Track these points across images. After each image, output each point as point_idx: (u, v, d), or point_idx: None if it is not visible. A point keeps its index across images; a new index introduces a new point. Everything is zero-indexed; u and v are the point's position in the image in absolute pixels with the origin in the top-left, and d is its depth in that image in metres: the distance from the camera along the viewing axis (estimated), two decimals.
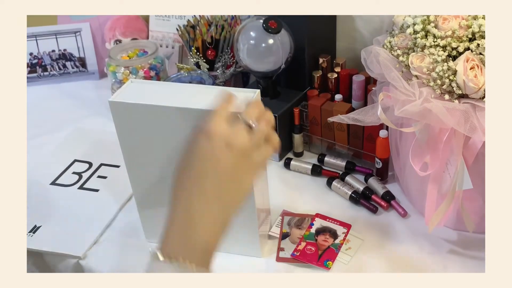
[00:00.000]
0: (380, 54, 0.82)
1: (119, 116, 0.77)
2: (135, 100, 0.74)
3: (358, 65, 0.97)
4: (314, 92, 1.05)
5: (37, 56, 1.44)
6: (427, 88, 0.76)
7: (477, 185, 0.76)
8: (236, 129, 0.60)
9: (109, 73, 1.19)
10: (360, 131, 0.99)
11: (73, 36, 1.44)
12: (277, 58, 1.01)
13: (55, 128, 1.25)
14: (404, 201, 0.94)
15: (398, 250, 0.85)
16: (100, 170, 1.07)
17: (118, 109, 0.76)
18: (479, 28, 0.73)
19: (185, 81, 1.15)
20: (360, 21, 1.14)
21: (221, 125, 0.59)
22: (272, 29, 0.99)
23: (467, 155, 0.75)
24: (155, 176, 0.81)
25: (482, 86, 0.72)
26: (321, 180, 1.01)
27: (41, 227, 0.93)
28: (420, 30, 0.78)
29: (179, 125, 0.72)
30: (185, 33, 1.19)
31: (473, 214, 0.82)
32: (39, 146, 1.17)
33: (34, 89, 1.43)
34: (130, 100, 0.75)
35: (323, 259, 0.83)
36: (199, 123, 0.62)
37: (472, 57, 0.73)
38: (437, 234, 0.86)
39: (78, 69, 1.46)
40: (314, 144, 1.08)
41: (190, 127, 0.70)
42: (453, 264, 0.82)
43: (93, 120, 1.27)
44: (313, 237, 0.87)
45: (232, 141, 0.59)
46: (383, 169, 0.97)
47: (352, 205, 0.95)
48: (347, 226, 0.89)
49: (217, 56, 1.18)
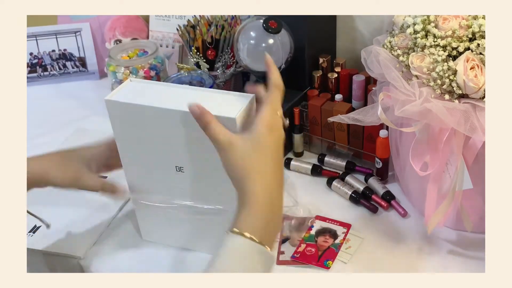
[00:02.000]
0: (380, 54, 0.82)
1: (114, 115, 0.77)
2: (130, 100, 0.74)
3: (358, 65, 0.97)
4: (314, 92, 1.05)
5: (37, 56, 1.44)
6: (427, 88, 0.76)
7: (477, 185, 0.76)
8: (278, 119, 0.68)
9: (109, 73, 1.19)
10: (360, 131, 0.99)
11: (73, 36, 1.44)
12: (277, 58, 1.01)
13: (55, 128, 1.25)
14: (404, 201, 0.94)
15: (398, 250, 0.85)
16: None
17: (113, 108, 0.76)
18: (479, 28, 0.73)
19: (185, 81, 1.15)
20: (360, 21, 1.14)
21: (273, 116, 0.67)
22: (272, 29, 0.99)
23: (467, 155, 0.75)
24: (151, 175, 0.81)
25: (482, 86, 0.72)
26: (321, 180, 1.01)
27: (41, 227, 0.93)
28: (420, 30, 0.78)
29: (172, 126, 0.72)
30: (185, 33, 1.19)
31: (472, 214, 0.82)
32: (39, 146, 1.17)
33: (34, 89, 1.43)
34: (125, 99, 0.75)
35: (323, 259, 0.83)
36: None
37: (472, 57, 0.73)
38: (437, 234, 0.86)
39: (78, 69, 1.46)
40: (314, 144, 1.08)
41: (183, 128, 0.70)
42: (453, 264, 0.82)
43: (93, 120, 1.27)
44: (313, 239, 0.87)
45: (279, 129, 0.68)
46: (383, 169, 0.97)
47: (352, 205, 0.95)
48: (347, 226, 0.89)
49: (217, 56, 1.18)
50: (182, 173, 0.78)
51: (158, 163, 0.79)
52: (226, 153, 0.65)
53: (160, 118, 0.73)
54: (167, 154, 0.77)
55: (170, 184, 0.80)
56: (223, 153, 0.65)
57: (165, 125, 0.74)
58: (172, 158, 0.78)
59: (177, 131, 0.73)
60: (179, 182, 0.79)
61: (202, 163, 0.76)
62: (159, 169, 0.79)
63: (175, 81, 1.15)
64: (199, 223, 0.83)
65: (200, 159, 0.76)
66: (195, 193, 0.80)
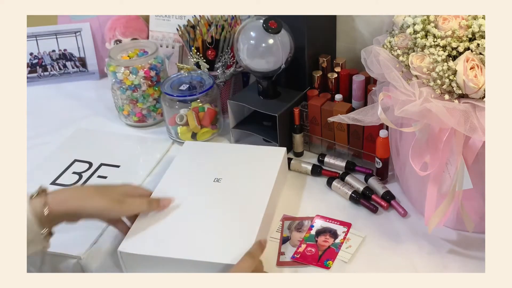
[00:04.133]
0: (380, 54, 0.82)
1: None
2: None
3: (358, 65, 0.97)
4: (314, 92, 1.05)
5: (37, 56, 1.44)
6: (427, 88, 0.76)
7: (477, 185, 0.76)
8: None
9: (109, 73, 1.19)
10: (360, 131, 0.99)
11: (73, 36, 1.44)
12: (277, 58, 1.01)
13: (55, 128, 1.25)
14: (404, 201, 0.94)
15: (398, 250, 0.85)
16: (100, 170, 1.07)
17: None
18: (479, 28, 0.73)
19: (185, 81, 1.15)
20: (360, 21, 1.14)
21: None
22: (272, 29, 0.99)
23: (467, 155, 0.75)
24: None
25: (482, 86, 0.72)
26: (321, 180, 1.01)
27: None
28: (420, 30, 0.78)
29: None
30: (185, 33, 1.19)
31: (473, 214, 0.82)
32: (39, 146, 1.17)
33: (34, 89, 1.43)
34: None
35: (323, 259, 0.83)
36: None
37: (472, 57, 0.73)
38: (437, 234, 0.86)
39: (78, 69, 1.46)
40: (314, 144, 1.08)
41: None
42: (453, 264, 0.82)
43: (93, 120, 1.27)
44: (313, 239, 0.87)
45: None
46: (383, 169, 0.97)
47: (352, 205, 0.95)
48: (347, 225, 0.89)
49: (217, 56, 1.18)
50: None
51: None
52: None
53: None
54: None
55: None
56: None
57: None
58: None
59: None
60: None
61: None
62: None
63: (175, 81, 1.15)
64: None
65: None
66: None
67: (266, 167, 0.95)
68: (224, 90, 1.20)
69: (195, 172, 0.97)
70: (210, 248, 0.80)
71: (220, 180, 0.93)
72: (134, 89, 1.17)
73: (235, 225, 0.83)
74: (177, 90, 1.12)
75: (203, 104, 1.12)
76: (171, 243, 0.81)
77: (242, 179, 0.93)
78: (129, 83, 1.16)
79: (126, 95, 1.18)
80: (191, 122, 1.11)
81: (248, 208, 0.86)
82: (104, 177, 1.05)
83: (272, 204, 0.91)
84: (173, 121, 1.13)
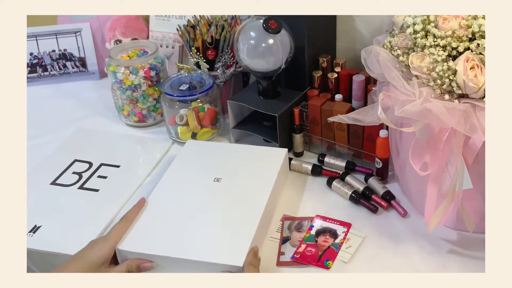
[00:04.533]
0: (380, 54, 0.82)
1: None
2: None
3: (358, 65, 0.97)
4: (314, 92, 1.05)
5: (37, 56, 1.44)
6: (427, 88, 0.76)
7: (477, 185, 0.76)
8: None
9: (109, 73, 1.19)
10: (360, 131, 0.99)
11: (73, 36, 1.44)
12: (277, 58, 1.01)
13: (55, 128, 1.25)
14: (404, 201, 0.94)
15: (398, 250, 0.85)
16: (100, 170, 1.07)
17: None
18: (479, 28, 0.73)
19: (185, 81, 1.15)
20: (360, 21, 1.14)
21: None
22: (272, 29, 0.99)
23: (467, 155, 0.75)
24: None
25: (482, 86, 0.72)
26: (321, 180, 1.01)
27: (41, 227, 0.93)
28: (420, 30, 0.78)
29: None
30: (185, 33, 1.19)
31: (473, 214, 0.82)
32: (39, 146, 1.17)
33: (34, 89, 1.43)
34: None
35: (323, 259, 0.83)
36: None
37: (472, 57, 0.73)
38: (437, 234, 0.86)
39: (78, 69, 1.46)
40: (314, 144, 1.08)
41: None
42: (453, 264, 0.82)
43: (93, 120, 1.27)
44: (313, 239, 0.87)
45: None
46: (383, 169, 0.97)
47: (352, 205, 0.95)
48: (347, 225, 0.89)
49: (217, 56, 1.18)
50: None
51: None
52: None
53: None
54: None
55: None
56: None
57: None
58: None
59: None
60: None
61: None
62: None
63: (175, 81, 1.15)
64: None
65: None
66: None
67: (267, 168, 0.96)
68: (224, 90, 1.20)
69: (195, 171, 0.97)
70: (208, 247, 0.80)
71: (220, 180, 0.93)
72: (134, 89, 1.17)
73: (233, 225, 0.83)
74: (177, 90, 1.12)
75: (203, 104, 1.12)
76: (170, 242, 0.81)
77: (242, 179, 0.93)
78: (129, 83, 1.16)
79: (126, 95, 1.18)
80: (191, 122, 1.11)
81: (247, 208, 0.86)
82: (104, 177, 1.05)
83: (271, 205, 0.91)
84: (173, 121, 1.13)
